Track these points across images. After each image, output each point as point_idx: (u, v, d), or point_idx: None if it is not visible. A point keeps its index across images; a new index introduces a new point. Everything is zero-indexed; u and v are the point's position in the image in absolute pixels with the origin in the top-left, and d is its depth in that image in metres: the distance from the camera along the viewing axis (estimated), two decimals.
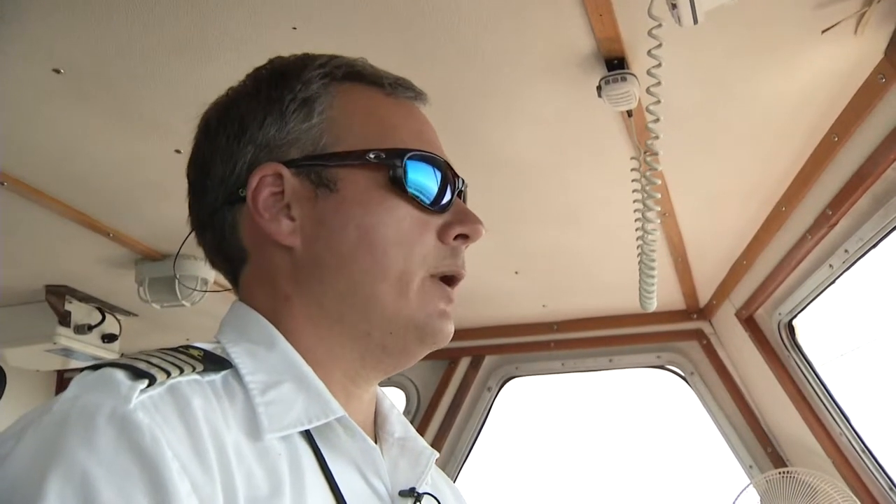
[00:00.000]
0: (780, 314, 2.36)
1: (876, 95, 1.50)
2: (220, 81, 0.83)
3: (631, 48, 1.42)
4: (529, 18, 1.35)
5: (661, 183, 1.64)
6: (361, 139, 0.76)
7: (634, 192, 1.75)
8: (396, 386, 3.19)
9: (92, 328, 2.62)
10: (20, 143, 1.71)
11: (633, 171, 1.73)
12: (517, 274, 2.52)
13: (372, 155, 0.75)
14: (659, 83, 1.37)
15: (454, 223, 0.77)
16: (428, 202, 0.76)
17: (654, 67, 1.34)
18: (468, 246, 0.80)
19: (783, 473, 2.51)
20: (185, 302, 2.33)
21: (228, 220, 0.78)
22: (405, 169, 0.75)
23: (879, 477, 2.29)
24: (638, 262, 1.95)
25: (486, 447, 3.15)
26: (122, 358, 0.64)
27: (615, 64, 1.45)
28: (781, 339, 2.42)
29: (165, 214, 2.06)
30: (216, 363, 0.68)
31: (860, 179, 1.69)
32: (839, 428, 2.35)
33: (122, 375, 0.60)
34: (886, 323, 2.53)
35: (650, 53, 1.31)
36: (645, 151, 1.60)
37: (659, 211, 1.69)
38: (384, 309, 0.74)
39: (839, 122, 1.64)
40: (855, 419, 2.33)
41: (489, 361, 3.13)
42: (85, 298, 2.61)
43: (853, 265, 1.96)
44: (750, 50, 1.44)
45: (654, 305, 2.13)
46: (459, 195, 0.81)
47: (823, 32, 1.36)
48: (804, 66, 1.48)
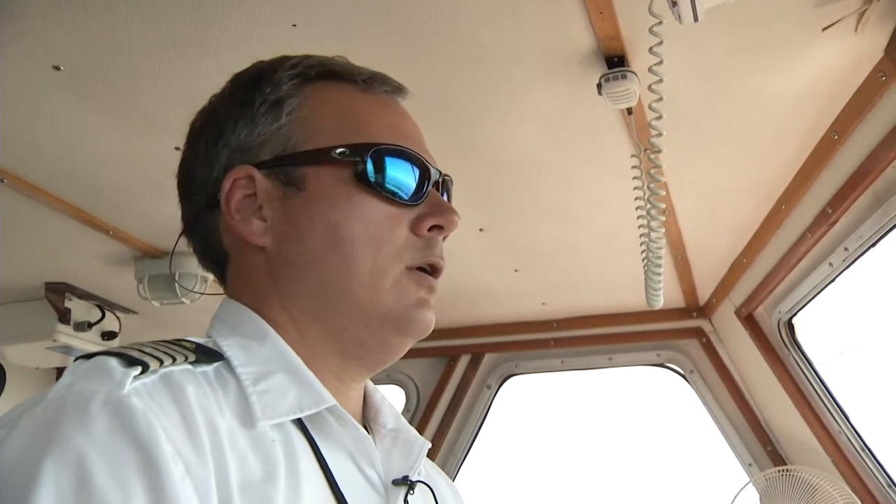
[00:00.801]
0: (779, 312, 2.35)
1: (876, 93, 1.50)
2: (220, 79, 0.84)
3: (631, 46, 1.42)
4: (529, 16, 1.35)
5: (663, 180, 1.63)
6: (331, 137, 0.76)
7: (636, 189, 1.75)
8: (396, 384, 3.19)
9: (92, 325, 2.62)
10: (20, 139, 1.70)
11: (633, 168, 1.73)
12: (517, 272, 2.52)
13: (337, 151, 0.75)
14: (661, 80, 1.37)
15: (427, 215, 0.77)
16: (398, 195, 0.76)
17: (655, 65, 1.34)
18: (445, 237, 0.79)
19: (782, 471, 2.51)
20: (184, 299, 2.33)
21: (210, 223, 0.80)
22: (372, 163, 0.75)
23: (878, 475, 2.30)
24: (643, 259, 1.95)
25: (485, 445, 3.15)
26: (115, 347, 0.65)
27: (615, 62, 1.45)
28: (781, 337, 2.42)
29: (165, 212, 2.05)
30: (208, 355, 0.69)
31: (860, 177, 1.69)
32: (838, 426, 2.35)
33: (115, 363, 0.61)
34: (886, 321, 2.53)
35: (651, 51, 1.31)
36: (645, 149, 1.60)
37: (663, 208, 1.69)
38: (358, 304, 0.74)
39: (839, 119, 1.64)
40: (854, 417, 2.33)
41: (489, 359, 3.12)
42: (85, 296, 2.61)
43: (853, 263, 1.96)
44: (750, 48, 1.44)
45: (660, 303, 2.14)
46: (439, 187, 0.81)
47: (824, 30, 1.36)
48: (804, 63, 1.48)
